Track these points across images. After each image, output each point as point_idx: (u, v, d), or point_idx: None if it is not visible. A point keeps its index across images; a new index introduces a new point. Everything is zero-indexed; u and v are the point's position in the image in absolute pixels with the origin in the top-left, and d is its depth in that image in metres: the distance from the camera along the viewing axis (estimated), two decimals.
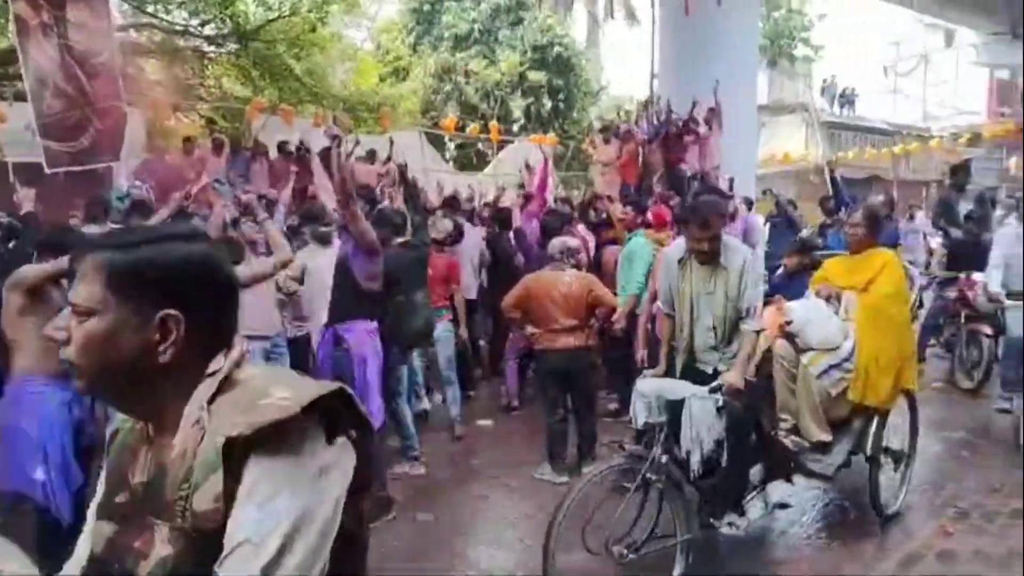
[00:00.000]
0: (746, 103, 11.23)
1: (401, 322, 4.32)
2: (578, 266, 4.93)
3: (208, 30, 13.21)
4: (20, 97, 10.33)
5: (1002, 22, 22.51)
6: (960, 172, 6.99)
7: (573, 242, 4.97)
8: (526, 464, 4.73)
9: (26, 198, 4.30)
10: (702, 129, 9.28)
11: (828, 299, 3.89)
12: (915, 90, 39.32)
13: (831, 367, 3.67)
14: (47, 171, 5.97)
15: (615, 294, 5.11)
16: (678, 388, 3.28)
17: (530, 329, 4.71)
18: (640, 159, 9.62)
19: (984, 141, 26.28)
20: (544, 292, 4.58)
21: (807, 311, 3.80)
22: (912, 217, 11.61)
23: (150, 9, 12.47)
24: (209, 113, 12.50)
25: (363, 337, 3.96)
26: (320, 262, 4.51)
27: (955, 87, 37.00)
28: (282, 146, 8.75)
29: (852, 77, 31.15)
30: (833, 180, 6.01)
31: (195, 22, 13.14)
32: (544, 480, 4.52)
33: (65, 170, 6.90)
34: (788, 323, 3.73)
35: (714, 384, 3.24)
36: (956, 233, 6.52)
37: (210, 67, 13.67)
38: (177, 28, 13.01)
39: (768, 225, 9.34)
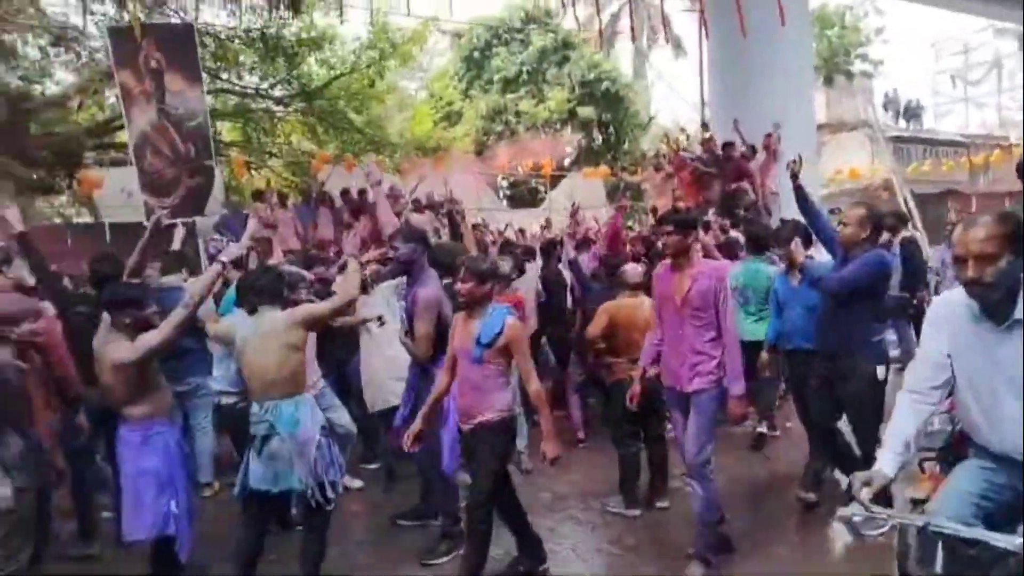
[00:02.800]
0: (804, 123, 11.10)
1: None
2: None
3: (277, 91, 14.08)
4: (115, 163, 11.29)
5: None
6: None
7: (641, 269, 4.89)
8: (593, 496, 4.72)
9: None
10: (759, 155, 9.25)
11: None
12: (989, 97, 37.86)
13: None
14: (146, 225, 6.43)
15: None
16: None
17: (609, 359, 4.60)
18: (698, 186, 9.62)
19: None
20: (628, 320, 4.47)
21: None
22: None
23: (224, 76, 13.39)
24: (280, 168, 13.25)
25: None
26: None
27: None
28: (344, 193, 9.19)
29: (916, 89, 30.33)
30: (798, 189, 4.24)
31: (265, 85, 14.04)
32: (615, 513, 4.43)
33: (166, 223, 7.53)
34: None
35: None
36: None
37: (280, 125, 14.54)
38: (249, 91, 13.93)
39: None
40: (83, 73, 11.98)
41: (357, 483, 5.04)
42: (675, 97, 45.56)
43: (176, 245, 5.26)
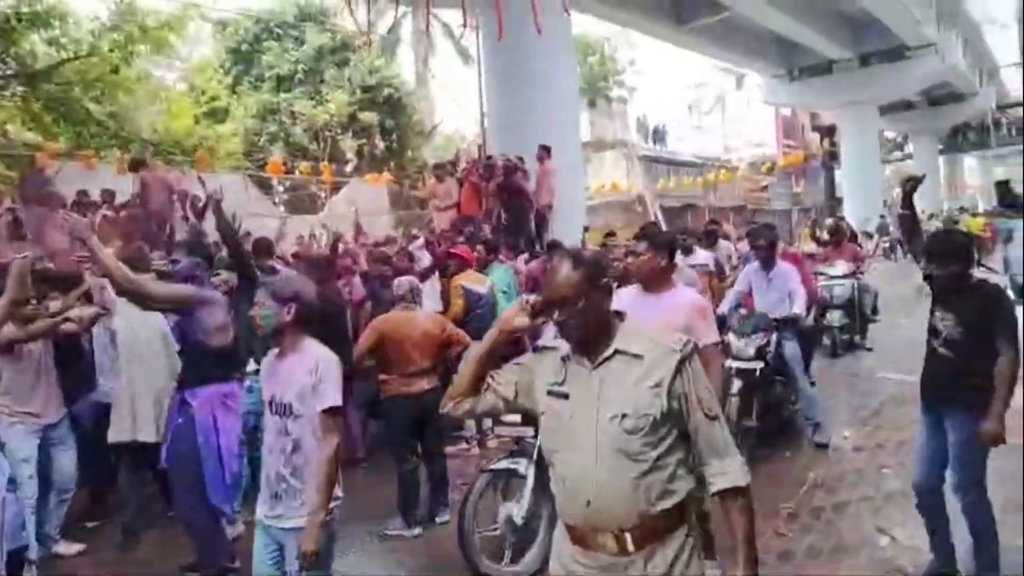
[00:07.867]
0: (572, 139, 11.85)
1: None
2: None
3: None
4: None
5: (780, 65, 25.88)
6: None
7: (416, 281, 4.83)
8: (375, 520, 4.42)
9: None
10: (535, 167, 9.59)
11: None
12: (715, 126, 43.90)
13: None
14: None
15: None
16: None
17: (382, 376, 4.45)
18: (478, 197, 9.72)
19: (779, 169, 30.08)
20: (400, 334, 4.37)
21: None
22: (716, 242, 7.90)
23: None
24: None
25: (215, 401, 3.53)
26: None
27: (749, 123, 41.76)
28: (82, 197, 7.84)
29: (662, 115, 34.27)
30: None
31: None
32: (396, 535, 4.26)
33: None
34: None
35: None
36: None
37: None
38: None
39: None
40: None
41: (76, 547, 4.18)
42: (458, 107, 46.56)
43: None
